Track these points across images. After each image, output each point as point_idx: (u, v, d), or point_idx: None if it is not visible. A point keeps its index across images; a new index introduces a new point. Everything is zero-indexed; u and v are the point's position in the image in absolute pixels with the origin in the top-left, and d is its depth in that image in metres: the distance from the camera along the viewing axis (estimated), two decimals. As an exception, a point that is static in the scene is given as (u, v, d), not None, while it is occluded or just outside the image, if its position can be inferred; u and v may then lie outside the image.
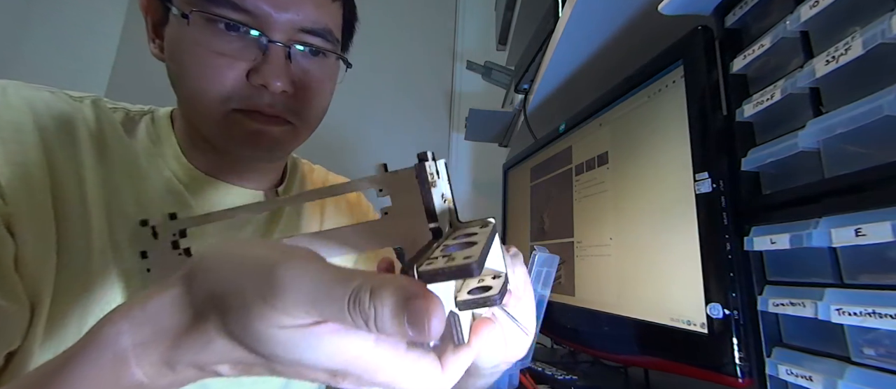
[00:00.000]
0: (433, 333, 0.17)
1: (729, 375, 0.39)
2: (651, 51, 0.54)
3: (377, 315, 0.17)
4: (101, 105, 0.45)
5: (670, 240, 0.47)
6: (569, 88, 0.84)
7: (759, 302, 0.39)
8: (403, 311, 0.17)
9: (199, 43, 0.39)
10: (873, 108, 0.29)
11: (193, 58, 0.40)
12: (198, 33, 0.39)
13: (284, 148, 0.46)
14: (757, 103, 0.40)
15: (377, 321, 0.17)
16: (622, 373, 0.67)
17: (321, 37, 0.43)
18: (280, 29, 0.41)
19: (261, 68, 0.40)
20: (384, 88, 1.60)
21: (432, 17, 1.71)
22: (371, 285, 0.18)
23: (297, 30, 0.42)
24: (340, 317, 0.18)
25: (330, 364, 0.19)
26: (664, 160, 0.50)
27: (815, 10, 0.34)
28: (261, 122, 0.42)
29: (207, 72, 0.40)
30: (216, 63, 0.40)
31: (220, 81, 0.40)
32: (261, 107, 0.41)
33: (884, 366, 0.30)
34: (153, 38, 0.44)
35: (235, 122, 0.41)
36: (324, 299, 0.18)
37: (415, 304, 0.17)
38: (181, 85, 0.42)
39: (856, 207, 0.31)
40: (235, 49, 0.40)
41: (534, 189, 0.87)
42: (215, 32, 0.39)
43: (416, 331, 0.17)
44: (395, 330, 0.17)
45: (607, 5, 0.58)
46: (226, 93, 0.40)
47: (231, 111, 0.41)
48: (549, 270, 0.53)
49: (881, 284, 0.30)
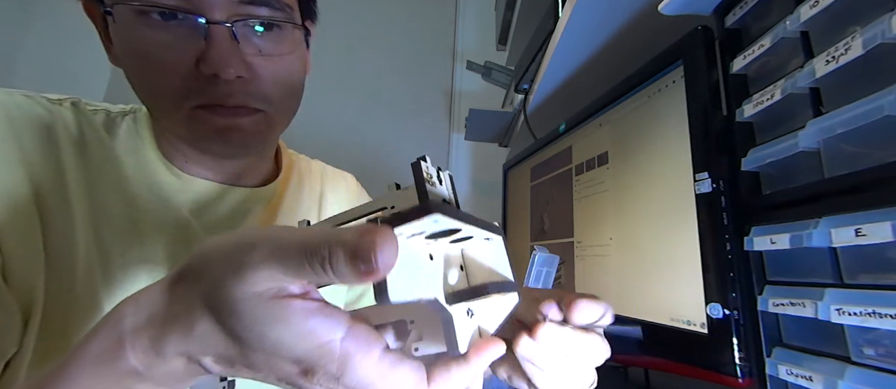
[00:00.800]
0: (381, 264, 0.17)
1: (729, 375, 0.39)
2: (651, 51, 0.54)
3: (331, 254, 0.18)
4: (80, 107, 0.44)
5: (670, 240, 0.47)
6: (569, 88, 0.84)
7: (759, 302, 0.39)
8: (356, 250, 0.17)
9: (137, 39, 0.36)
10: (873, 108, 0.29)
11: (136, 57, 0.37)
12: (133, 29, 0.36)
13: (260, 138, 0.42)
14: (757, 103, 0.40)
15: (331, 261, 0.18)
16: (622, 373, 0.67)
17: (267, 5, 0.38)
18: (218, 7, 0.36)
19: (207, 56, 0.36)
20: (384, 88, 1.60)
21: (432, 17, 1.71)
22: (327, 233, 0.18)
23: (238, 3, 0.37)
24: (299, 267, 0.18)
25: (298, 347, 0.19)
26: (664, 160, 0.50)
27: (815, 10, 0.34)
28: (226, 116, 0.38)
29: (154, 69, 0.37)
30: (160, 58, 0.36)
31: (170, 78, 0.36)
32: (219, 98, 0.37)
33: (884, 366, 0.30)
34: (108, 48, 0.41)
35: (200, 120, 0.38)
36: (284, 250, 0.19)
37: (363, 240, 0.17)
38: (137, 88, 0.39)
39: (856, 207, 0.31)
40: (176, 39, 0.36)
41: (534, 189, 0.87)
42: (150, 24, 0.35)
43: (365, 265, 0.17)
44: (348, 269, 0.17)
45: (607, 5, 0.58)
46: (179, 91, 0.37)
47: (193, 108, 0.38)
48: (549, 270, 0.53)
49: (881, 284, 0.30)
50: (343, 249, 0.18)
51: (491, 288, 0.23)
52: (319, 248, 0.18)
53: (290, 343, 0.19)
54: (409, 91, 1.63)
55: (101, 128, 0.43)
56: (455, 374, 0.21)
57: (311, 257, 0.18)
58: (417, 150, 1.76)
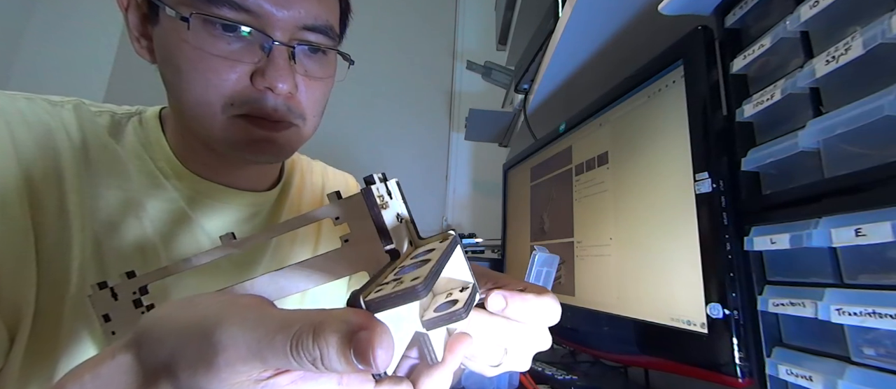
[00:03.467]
0: (380, 364, 0.16)
1: (729, 375, 0.39)
2: (651, 51, 0.54)
3: (322, 355, 0.16)
4: (83, 110, 0.43)
5: (670, 240, 0.47)
6: (569, 88, 0.84)
7: (759, 302, 0.39)
8: (349, 346, 0.16)
9: (197, 46, 0.37)
10: (873, 108, 0.29)
11: (192, 61, 0.38)
12: (196, 35, 0.37)
13: (289, 151, 0.44)
14: (757, 103, 0.40)
15: (324, 360, 0.16)
16: (622, 373, 0.67)
17: (323, 33, 0.42)
18: (281, 27, 0.39)
19: (266, 71, 0.38)
20: (384, 88, 1.60)
21: (432, 17, 1.72)
22: (313, 325, 0.17)
23: (299, 28, 0.40)
24: (287, 363, 0.17)
25: None
26: (664, 160, 0.50)
27: (815, 10, 0.34)
28: (267, 129, 0.40)
29: (208, 76, 0.38)
30: (217, 67, 0.38)
31: (222, 86, 0.38)
32: (266, 112, 0.40)
33: (884, 366, 0.30)
34: (137, 38, 0.42)
35: (239, 128, 0.40)
36: (266, 349, 0.17)
37: (359, 338, 0.16)
38: (178, 89, 0.40)
39: (856, 207, 0.31)
40: (236, 51, 0.38)
41: (534, 189, 0.87)
42: (215, 34, 0.37)
43: (364, 364, 0.16)
44: (343, 367, 0.16)
45: (607, 5, 0.58)
46: (228, 99, 0.38)
47: (235, 116, 0.39)
48: (549, 270, 0.53)
49: (881, 284, 0.30)
50: (336, 346, 0.16)
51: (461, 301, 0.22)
52: (307, 345, 0.17)
53: None
54: (409, 91, 1.63)
55: (104, 131, 0.43)
56: (438, 379, 0.23)
57: (297, 353, 0.17)
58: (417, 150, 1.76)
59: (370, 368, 0.16)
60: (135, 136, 0.44)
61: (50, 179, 0.38)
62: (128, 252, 0.40)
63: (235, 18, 0.37)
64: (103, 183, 0.41)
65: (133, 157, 0.43)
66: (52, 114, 0.40)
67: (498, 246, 1.07)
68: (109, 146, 0.42)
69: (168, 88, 0.42)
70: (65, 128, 0.40)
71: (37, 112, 0.40)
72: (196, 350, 0.18)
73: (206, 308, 0.19)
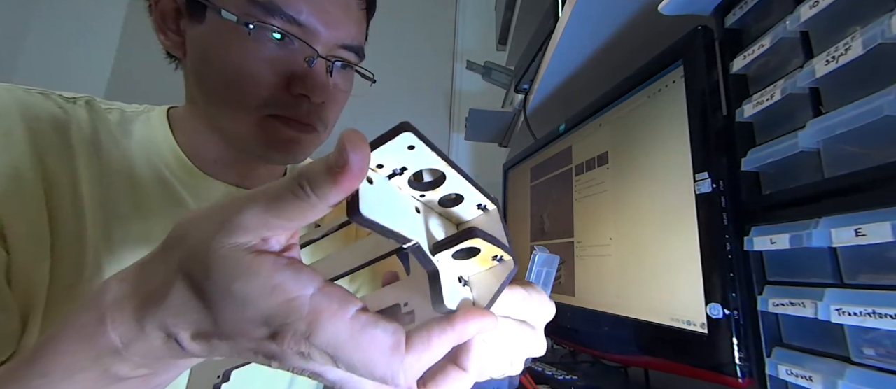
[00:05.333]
0: (352, 159, 0.16)
1: (729, 375, 0.39)
2: (651, 51, 0.54)
3: (309, 171, 0.17)
4: (95, 106, 0.44)
5: (670, 240, 0.47)
6: (569, 88, 0.84)
7: (759, 302, 0.39)
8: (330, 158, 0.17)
9: (243, 49, 0.40)
10: (873, 108, 0.29)
11: (235, 62, 0.40)
12: (244, 39, 0.39)
13: (309, 153, 0.47)
14: (757, 103, 0.40)
15: (309, 175, 0.17)
16: (622, 373, 0.67)
17: (355, 53, 0.45)
18: (324, 43, 0.42)
19: (306, 80, 0.41)
20: (384, 88, 1.60)
21: (432, 17, 1.72)
22: None
23: (338, 46, 0.43)
24: (280, 197, 0.18)
25: (265, 303, 0.18)
26: (664, 160, 0.50)
27: (815, 10, 0.34)
28: (297, 130, 0.43)
29: (248, 78, 0.40)
30: (260, 70, 0.40)
31: (261, 87, 0.40)
32: (299, 115, 0.42)
33: (884, 366, 0.30)
34: (164, 30, 0.44)
35: (271, 128, 0.42)
36: (267, 189, 0.18)
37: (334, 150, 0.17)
38: (213, 86, 0.42)
39: (856, 207, 0.31)
40: (281, 57, 0.41)
41: (534, 189, 0.87)
42: (264, 40, 0.40)
43: (339, 159, 0.17)
44: (324, 176, 0.17)
45: (607, 5, 0.58)
46: (263, 99, 0.41)
47: (266, 116, 0.42)
48: (549, 270, 0.53)
49: (881, 284, 0.30)
50: (317, 162, 0.18)
51: (477, 233, 0.20)
52: (299, 172, 0.18)
53: (257, 298, 0.18)
54: (409, 91, 1.63)
55: (115, 128, 0.44)
56: (436, 340, 0.20)
57: (292, 183, 0.18)
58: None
59: (344, 163, 0.16)
60: (143, 133, 0.46)
61: (64, 171, 0.39)
62: (138, 244, 0.41)
63: (287, 30, 0.40)
64: (113, 177, 0.42)
65: (141, 153, 0.44)
66: (66, 110, 0.42)
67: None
68: (119, 142, 0.43)
69: (199, 84, 0.43)
70: (78, 123, 0.42)
71: (52, 106, 0.41)
72: (211, 214, 0.19)
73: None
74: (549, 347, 0.89)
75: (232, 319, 0.19)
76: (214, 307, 0.19)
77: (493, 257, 0.23)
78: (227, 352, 0.20)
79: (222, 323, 0.19)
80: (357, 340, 0.18)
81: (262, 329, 0.19)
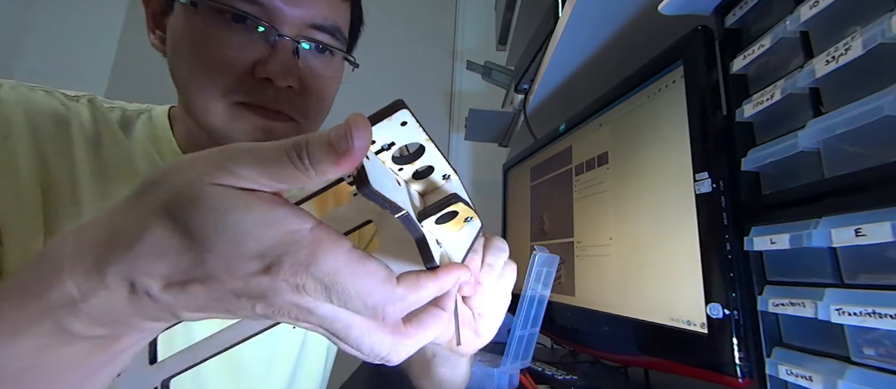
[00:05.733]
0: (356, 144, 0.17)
1: (729, 375, 0.39)
2: (651, 51, 0.54)
3: (309, 142, 0.18)
4: (97, 104, 0.44)
5: (670, 240, 0.47)
6: (569, 88, 0.84)
7: (759, 302, 0.39)
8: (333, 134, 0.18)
9: (204, 33, 0.38)
10: (873, 108, 0.29)
11: (198, 48, 0.39)
12: (204, 23, 0.38)
13: None
14: (757, 103, 0.40)
15: (309, 147, 0.18)
16: (622, 373, 0.67)
17: (330, 34, 0.43)
18: (289, 23, 0.40)
19: (268, 62, 0.39)
20: (384, 88, 1.60)
21: (432, 17, 1.72)
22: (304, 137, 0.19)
23: (307, 26, 0.41)
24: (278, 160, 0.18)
25: (264, 235, 0.18)
26: (664, 160, 0.50)
27: (815, 10, 0.34)
28: (264, 117, 0.41)
29: (212, 63, 0.39)
30: (221, 55, 0.39)
31: (224, 73, 0.39)
32: (265, 101, 0.40)
33: (884, 366, 0.30)
34: (153, 29, 0.43)
35: (239, 116, 0.40)
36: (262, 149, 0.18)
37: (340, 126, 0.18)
38: (183, 76, 0.41)
39: (856, 207, 0.31)
40: (242, 41, 0.39)
41: (534, 189, 0.87)
42: (223, 23, 0.38)
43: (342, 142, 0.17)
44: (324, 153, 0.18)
45: (607, 5, 0.58)
46: (229, 86, 0.39)
47: (234, 104, 0.40)
48: (549, 270, 0.53)
49: (881, 284, 0.30)
50: (320, 138, 0.18)
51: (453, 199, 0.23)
52: (297, 142, 0.18)
53: (256, 230, 0.18)
54: (409, 91, 1.63)
55: (116, 126, 0.44)
56: (423, 283, 0.21)
57: (289, 149, 0.18)
58: (417, 150, 1.76)
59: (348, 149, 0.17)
60: (144, 132, 0.46)
61: (65, 169, 0.39)
62: None
63: (245, 10, 0.38)
64: (114, 175, 0.42)
65: (142, 152, 0.44)
66: (68, 107, 0.42)
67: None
68: (120, 140, 0.44)
69: (174, 77, 0.42)
70: (79, 121, 0.42)
71: (54, 104, 0.41)
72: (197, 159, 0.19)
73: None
74: (550, 347, 0.89)
75: (223, 254, 0.18)
76: (204, 243, 0.18)
77: (465, 219, 0.26)
78: (202, 300, 0.19)
79: (209, 261, 0.18)
80: (354, 269, 0.19)
81: (256, 262, 0.18)
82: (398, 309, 0.20)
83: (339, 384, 0.70)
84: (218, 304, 0.19)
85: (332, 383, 0.63)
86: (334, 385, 0.66)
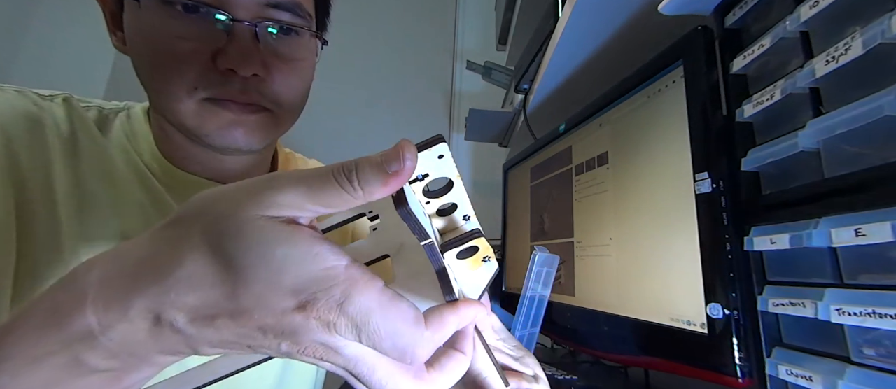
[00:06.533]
0: (407, 163, 0.18)
1: (729, 375, 0.39)
2: (651, 51, 0.54)
3: (358, 165, 0.19)
4: (72, 103, 0.43)
5: (670, 240, 0.47)
6: (569, 88, 0.84)
7: (759, 302, 0.39)
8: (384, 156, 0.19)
9: (156, 28, 0.36)
10: (873, 108, 0.29)
11: (153, 45, 0.37)
12: (154, 18, 0.36)
13: (263, 137, 0.42)
14: (757, 103, 0.40)
15: (358, 169, 0.19)
16: (622, 373, 0.67)
17: (290, 11, 0.40)
18: (244, 6, 0.37)
19: (227, 51, 0.37)
20: (384, 88, 1.60)
21: (432, 17, 1.72)
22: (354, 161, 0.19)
23: (263, 5, 0.38)
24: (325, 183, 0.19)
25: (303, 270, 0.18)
26: (664, 160, 0.50)
27: (815, 10, 0.34)
28: (234, 111, 0.39)
29: (169, 59, 0.37)
30: (177, 49, 0.36)
31: (185, 68, 0.37)
32: (233, 94, 0.38)
33: (884, 366, 0.30)
34: (113, 30, 0.42)
35: (208, 112, 0.38)
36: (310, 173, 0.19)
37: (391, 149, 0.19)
38: (145, 76, 0.39)
39: (856, 207, 0.31)
40: (197, 32, 0.37)
41: (534, 189, 0.87)
42: (173, 15, 0.36)
43: (394, 163, 0.18)
44: (375, 173, 0.18)
45: (607, 5, 0.58)
46: (192, 81, 0.37)
47: (202, 100, 0.38)
48: (549, 270, 0.53)
49: (881, 284, 0.30)
50: (370, 159, 0.19)
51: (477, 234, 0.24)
52: (346, 165, 0.19)
53: (296, 265, 0.18)
54: (409, 91, 1.63)
55: (93, 125, 0.43)
56: (448, 320, 0.22)
57: (337, 172, 0.19)
58: (417, 150, 1.76)
59: (400, 170, 0.18)
60: (122, 130, 0.44)
61: (38, 170, 0.38)
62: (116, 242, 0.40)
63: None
64: (91, 174, 0.41)
65: (119, 151, 0.43)
66: (41, 107, 0.41)
67: (498, 247, 1.07)
68: (97, 139, 0.42)
69: (139, 77, 0.41)
70: (54, 121, 0.41)
71: (26, 104, 0.40)
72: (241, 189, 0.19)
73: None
74: (549, 347, 0.89)
75: (260, 289, 0.18)
76: (241, 275, 0.18)
77: (483, 258, 0.26)
78: (227, 335, 0.19)
79: (244, 295, 0.18)
80: (386, 310, 0.19)
81: (290, 299, 0.18)
82: (426, 351, 0.21)
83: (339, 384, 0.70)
84: (242, 340, 0.19)
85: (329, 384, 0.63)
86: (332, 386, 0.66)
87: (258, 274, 0.18)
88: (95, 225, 0.40)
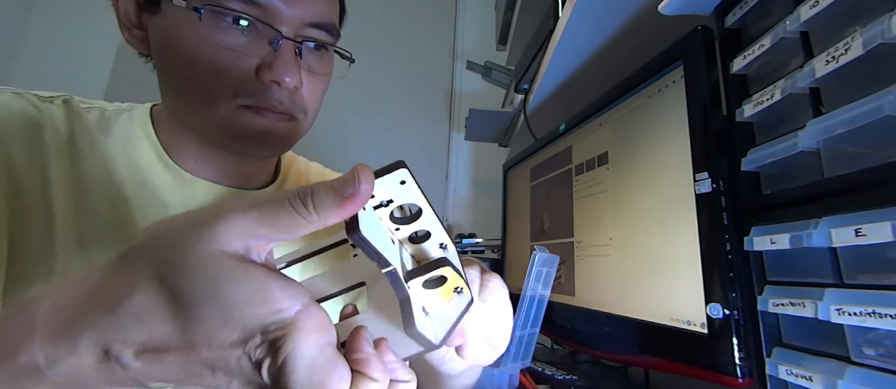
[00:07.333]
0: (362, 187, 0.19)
1: (729, 375, 0.39)
2: (651, 51, 0.54)
3: (314, 190, 0.19)
4: (73, 105, 0.43)
5: (670, 240, 0.47)
6: (569, 88, 0.84)
7: (759, 302, 0.39)
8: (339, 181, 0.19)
9: (201, 36, 0.38)
10: (873, 108, 0.29)
11: (193, 52, 0.38)
12: (204, 27, 0.37)
13: (287, 144, 0.44)
14: (757, 103, 0.40)
15: (314, 194, 0.19)
16: (622, 373, 0.67)
17: (327, 31, 0.43)
18: (288, 23, 0.40)
19: (274, 65, 0.39)
20: (384, 88, 1.60)
21: (432, 17, 1.72)
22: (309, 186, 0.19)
23: (305, 24, 0.41)
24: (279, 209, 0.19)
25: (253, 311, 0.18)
26: (664, 160, 0.50)
27: (815, 10, 0.34)
28: (269, 119, 0.41)
29: (214, 67, 0.38)
30: (224, 58, 0.38)
31: (228, 77, 0.38)
32: (271, 104, 0.40)
33: (884, 366, 0.30)
34: (129, 27, 0.42)
35: (243, 119, 0.40)
36: (264, 201, 0.19)
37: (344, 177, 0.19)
38: (179, 79, 0.40)
39: (856, 207, 0.31)
40: (244, 43, 0.38)
41: (534, 189, 0.87)
42: (222, 26, 0.38)
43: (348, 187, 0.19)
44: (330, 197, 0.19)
45: (607, 5, 0.58)
46: (232, 90, 0.39)
47: (238, 107, 0.40)
48: (549, 270, 0.53)
49: (881, 284, 0.30)
50: (324, 185, 0.19)
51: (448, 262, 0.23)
52: (301, 190, 0.19)
53: (247, 303, 0.18)
54: (409, 91, 1.63)
55: (93, 127, 0.43)
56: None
57: (292, 198, 0.19)
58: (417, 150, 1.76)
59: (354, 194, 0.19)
60: (123, 132, 0.44)
61: (35, 172, 0.38)
62: (114, 247, 0.40)
63: (245, 11, 0.38)
64: (90, 178, 0.40)
65: (120, 153, 0.43)
66: (40, 109, 0.40)
67: (498, 246, 1.07)
68: (97, 141, 0.42)
69: (165, 79, 0.41)
70: (53, 123, 0.40)
71: (24, 106, 0.40)
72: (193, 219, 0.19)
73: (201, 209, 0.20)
74: (549, 347, 0.89)
75: (209, 325, 0.18)
76: (190, 311, 0.18)
77: (455, 289, 0.25)
78: (172, 371, 0.19)
79: (191, 331, 0.18)
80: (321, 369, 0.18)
81: (236, 334, 0.18)
82: None
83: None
84: (190, 378, 0.19)
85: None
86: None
87: (208, 310, 0.18)
88: (93, 230, 0.39)
